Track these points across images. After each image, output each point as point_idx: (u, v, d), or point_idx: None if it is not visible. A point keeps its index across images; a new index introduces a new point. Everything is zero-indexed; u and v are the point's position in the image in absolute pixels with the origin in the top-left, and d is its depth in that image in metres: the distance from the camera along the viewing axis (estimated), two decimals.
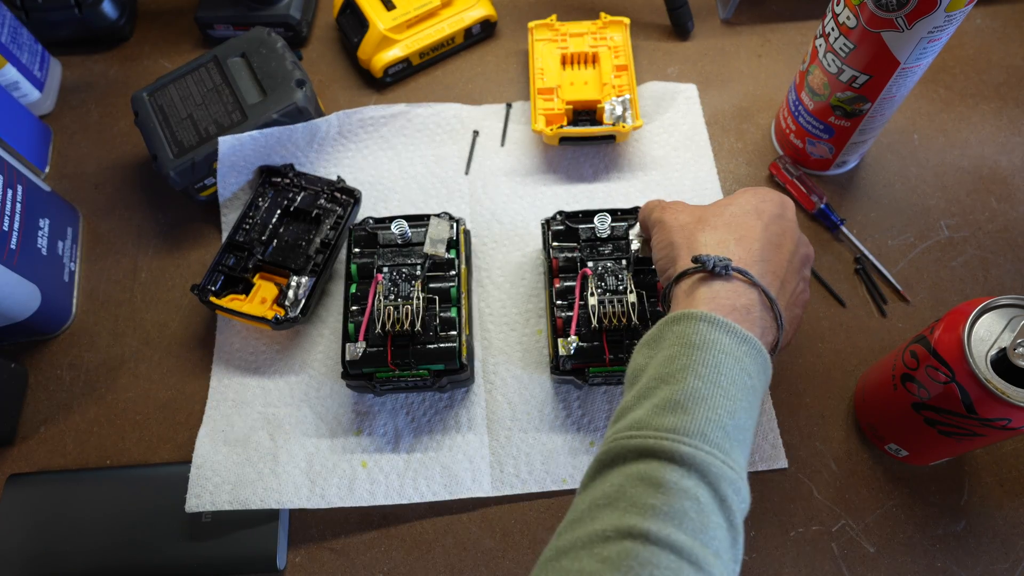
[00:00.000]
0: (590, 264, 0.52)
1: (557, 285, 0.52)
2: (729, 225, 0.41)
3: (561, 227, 0.54)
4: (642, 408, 0.35)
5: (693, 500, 0.31)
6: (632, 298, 0.49)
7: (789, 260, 0.41)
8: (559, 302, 0.51)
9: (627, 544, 0.30)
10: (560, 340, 0.50)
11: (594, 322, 0.49)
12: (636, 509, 0.31)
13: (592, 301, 0.49)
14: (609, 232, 0.53)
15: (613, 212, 0.54)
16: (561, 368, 0.50)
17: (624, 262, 0.52)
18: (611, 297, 0.50)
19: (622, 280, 0.50)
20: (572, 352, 0.49)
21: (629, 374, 0.39)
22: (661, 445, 0.33)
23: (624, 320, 0.49)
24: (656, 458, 0.32)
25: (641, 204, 0.60)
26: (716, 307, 0.37)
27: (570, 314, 0.50)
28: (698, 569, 0.30)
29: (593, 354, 0.50)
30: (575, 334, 0.50)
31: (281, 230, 0.58)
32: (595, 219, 0.52)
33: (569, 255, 0.53)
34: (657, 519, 0.30)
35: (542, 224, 0.55)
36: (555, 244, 0.54)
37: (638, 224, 0.50)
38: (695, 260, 0.39)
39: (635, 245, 0.52)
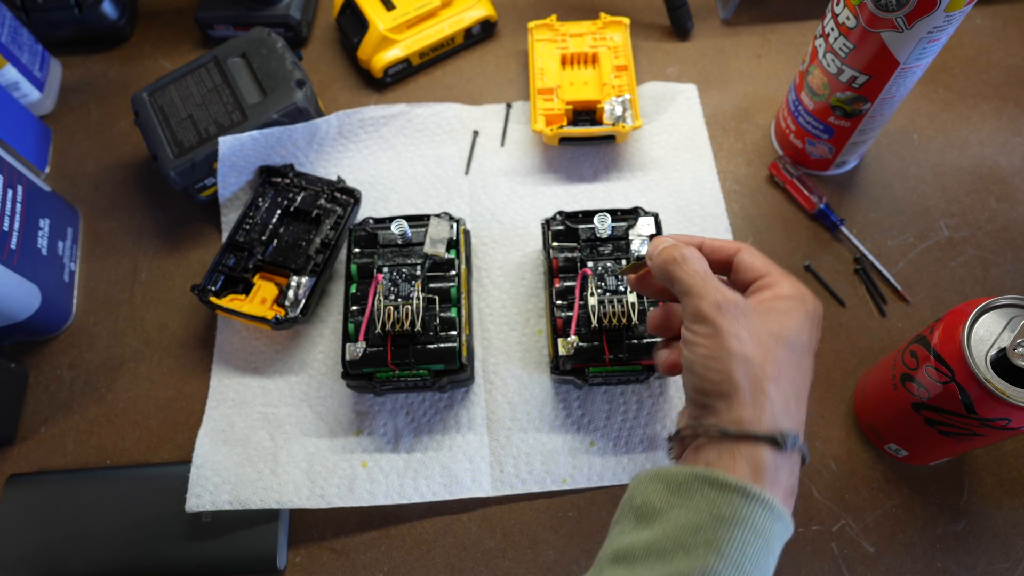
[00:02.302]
0: (590, 264, 0.52)
1: (557, 285, 0.52)
2: (792, 376, 0.35)
3: (561, 227, 0.54)
4: (653, 571, 0.32)
5: None
6: (632, 298, 0.49)
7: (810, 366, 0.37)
8: (559, 302, 0.51)
9: None
10: (560, 340, 0.50)
11: (594, 322, 0.49)
12: None
13: (592, 301, 0.49)
14: (609, 232, 0.53)
15: (613, 212, 0.54)
16: (561, 368, 0.50)
17: (624, 262, 0.52)
18: (611, 297, 0.50)
19: (622, 280, 0.50)
20: (572, 352, 0.49)
21: (636, 505, 0.35)
22: None
23: (624, 320, 0.49)
24: None
25: (641, 204, 0.60)
26: (777, 492, 0.33)
27: (570, 314, 0.50)
28: None
29: (593, 354, 0.50)
30: (575, 334, 0.50)
31: (281, 230, 0.58)
32: (595, 219, 0.52)
33: (569, 255, 0.53)
34: None
35: (542, 224, 0.55)
36: (555, 244, 0.54)
37: (645, 250, 0.47)
38: (773, 438, 0.33)
39: (635, 245, 0.52)
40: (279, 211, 0.58)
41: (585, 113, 0.63)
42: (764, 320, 0.36)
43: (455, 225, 0.54)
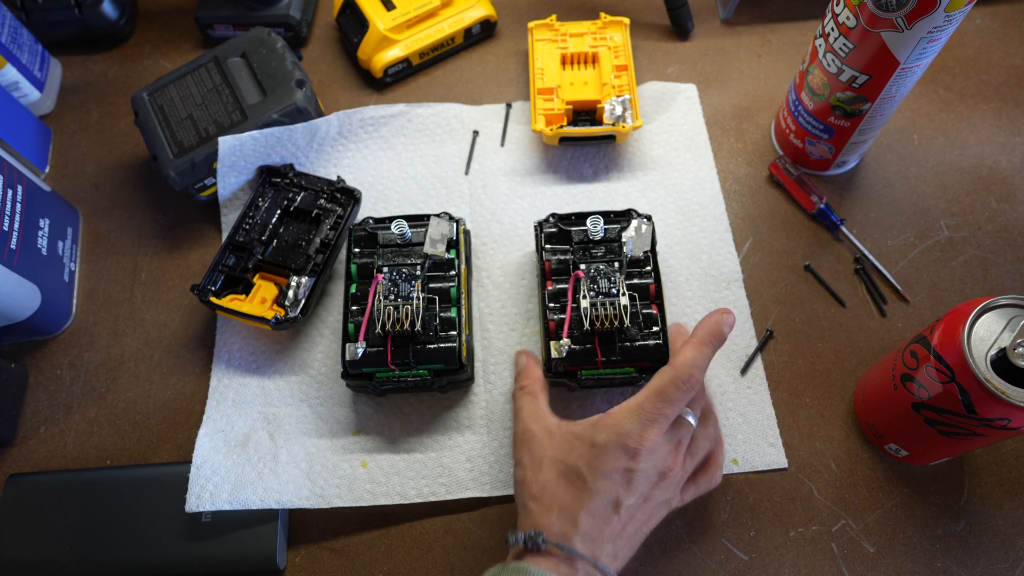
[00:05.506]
0: (582, 267, 0.52)
1: (550, 288, 0.52)
2: (555, 493, 0.43)
3: (554, 229, 0.54)
4: None
5: None
6: (624, 300, 0.49)
7: (599, 491, 0.41)
8: (552, 305, 0.51)
9: None
10: (552, 343, 0.50)
11: (586, 324, 0.49)
12: None
13: (584, 304, 0.49)
14: (602, 235, 0.53)
15: (606, 215, 0.54)
16: (554, 370, 0.50)
17: (616, 264, 0.52)
18: (603, 300, 0.49)
19: (614, 283, 0.50)
20: (564, 355, 0.49)
21: None
22: None
23: (616, 323, 0.49)
24: None
25: (640, 205, 0.60)
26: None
27: (562, 316, 0.50)
28: None
29: (585, 356, 0.49)
30: (567, 336, 0.50)
31: (281, 230, 0.58)
32: (587, 222, 0.52)
33: (562, 257, 0.53)
34: None
35: (535, 226, 0.55)
36: (547, 247, 0.54)
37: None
38: (512, 540, 0.41)
39: (628, 248, 0.52)
40: (279, 211, 0.58)
41: (585, 113, 0.63)
42: (550, 444, 0.45)
43: (455, 225, 0.54)
